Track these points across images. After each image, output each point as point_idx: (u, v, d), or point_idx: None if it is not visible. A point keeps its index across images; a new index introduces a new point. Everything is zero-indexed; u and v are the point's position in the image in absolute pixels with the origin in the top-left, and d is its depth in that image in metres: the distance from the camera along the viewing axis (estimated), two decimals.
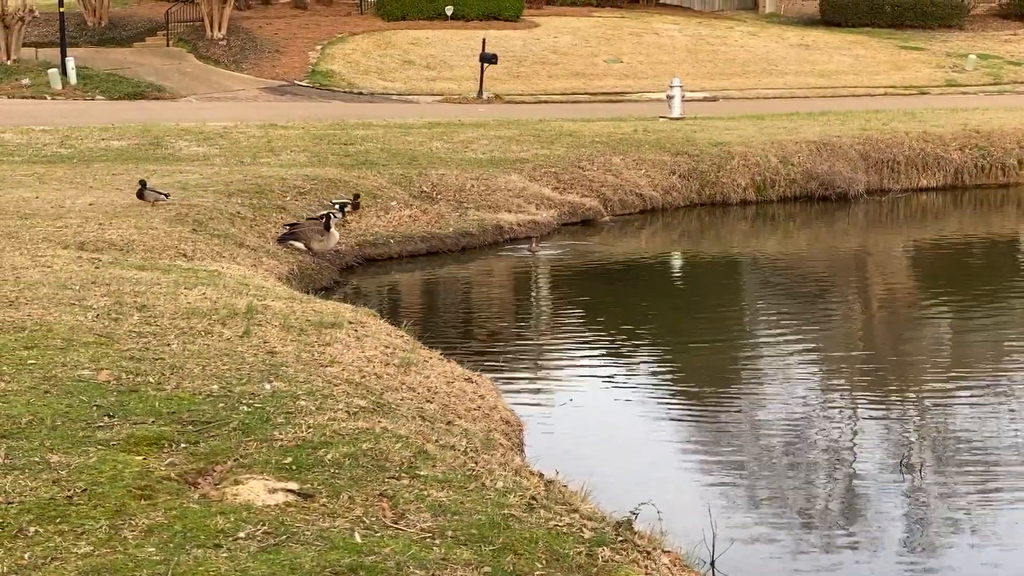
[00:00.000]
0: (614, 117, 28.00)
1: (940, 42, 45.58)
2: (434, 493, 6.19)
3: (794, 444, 10.21)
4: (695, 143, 23.50)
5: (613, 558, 5.75)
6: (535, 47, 40.88)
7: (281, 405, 7.38)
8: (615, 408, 11.25)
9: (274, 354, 8.84)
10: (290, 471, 6.30)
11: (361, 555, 5.31)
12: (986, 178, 25.02)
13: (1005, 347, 13.49)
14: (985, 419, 10.81)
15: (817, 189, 23.18)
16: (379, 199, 18.75)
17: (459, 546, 5.55)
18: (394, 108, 32.14)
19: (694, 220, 21.67)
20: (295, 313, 10.47)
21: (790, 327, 14.60)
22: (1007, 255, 20.20)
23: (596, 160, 22.21)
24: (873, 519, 8.61)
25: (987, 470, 9.50)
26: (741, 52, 42.60)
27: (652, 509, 6.81)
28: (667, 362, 12.99)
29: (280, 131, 24.03)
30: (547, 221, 19.57)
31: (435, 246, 17.91)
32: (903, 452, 9.87)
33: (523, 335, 14.12)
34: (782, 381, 12.26)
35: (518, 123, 26.12)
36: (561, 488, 6.95)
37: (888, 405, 11.34)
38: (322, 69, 37.98)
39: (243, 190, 17.59)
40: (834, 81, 40.13)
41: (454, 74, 37.77)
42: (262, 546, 5.34)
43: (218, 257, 14.08)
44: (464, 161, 21.56)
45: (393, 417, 7.60)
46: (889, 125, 26.13)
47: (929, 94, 38.37)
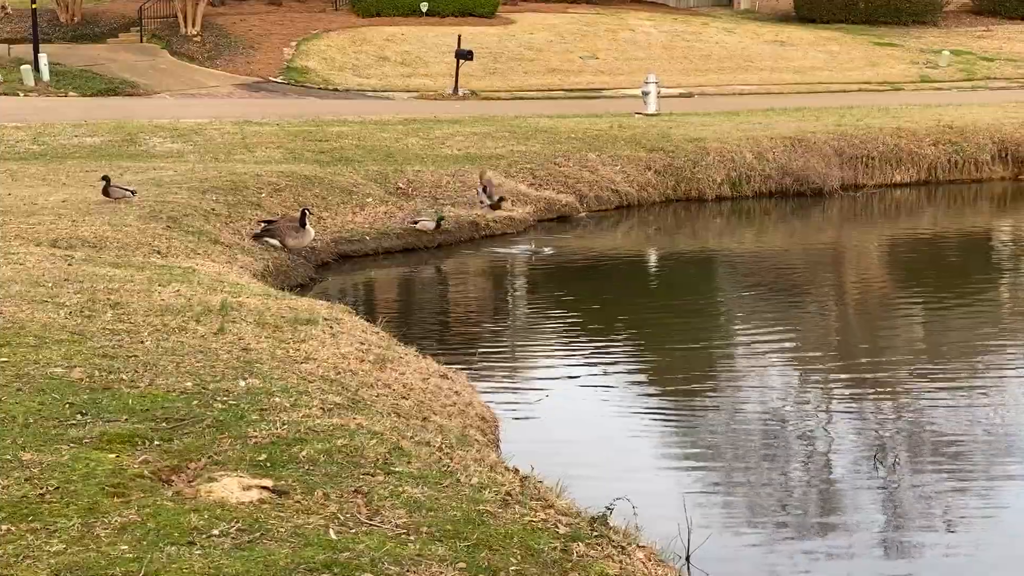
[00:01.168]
0: (590, 113, 28.02)
1: (914, 38, 45.76)
2: (409, 489, 6.19)
3: (769, 439, 10.23)
4: (671, 139, 23.53)
5: (588, 553, 5.75)
6: (510, 43, 40.86)
7: (255, 402, 7.36)
8: (591, 404, 11.26)
9: (248, 351, 8.81)
10: (264, 468, 6.28)
11: (336, 552, 5.30)
12: (959, 173, 25.13)
13: (978, 341, 13.56)
14: (958, 412, 10.86)
15: (792, 185, 23.24)
16: (354, 196, 18.71)
17: (434, 542, 5.54)
18: (369, 105, 32.08)
19: (670, 216, 21.70)
20: (270, 310, 10.44)
21: (765, 322, 14.64)
22: (980, 250, 20.30)
23: (572, 156, 22.22)
24: (848, 512, 8.64)
25: (960, 463, 9.54)
26: (716, 48, 42.68)
27: (627, 504, 6.82)
28: (643, 358, 13.01)
29: (255, 128, 23.96)
30: (523, 217, 19.56)
31: (411, 243, 17.88)
32: (877, 445, 9.91)
33: (499, 331, 14.12)
34: (757, 376, 12.29)
35: (494, 119, 26.11)
36: (536, 484, 6.95)
37: (862, 399, 11.38)
38: (297, 66, 37.88)
39: (218, 187, 17.53)
40: (809, 77, 40.25)
41: (429, 70, 37.72)
42: (236, 543, 5.32)
43: (192, 254, 14.03)
44: (440, 157, 21.54)
45: (368, 414, 7.59)
46: (863, 121, 26.22)
47: (903, 90, 38.52)
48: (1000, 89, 38.91)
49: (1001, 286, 17.04)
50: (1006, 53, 44.33)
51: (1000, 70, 42.26)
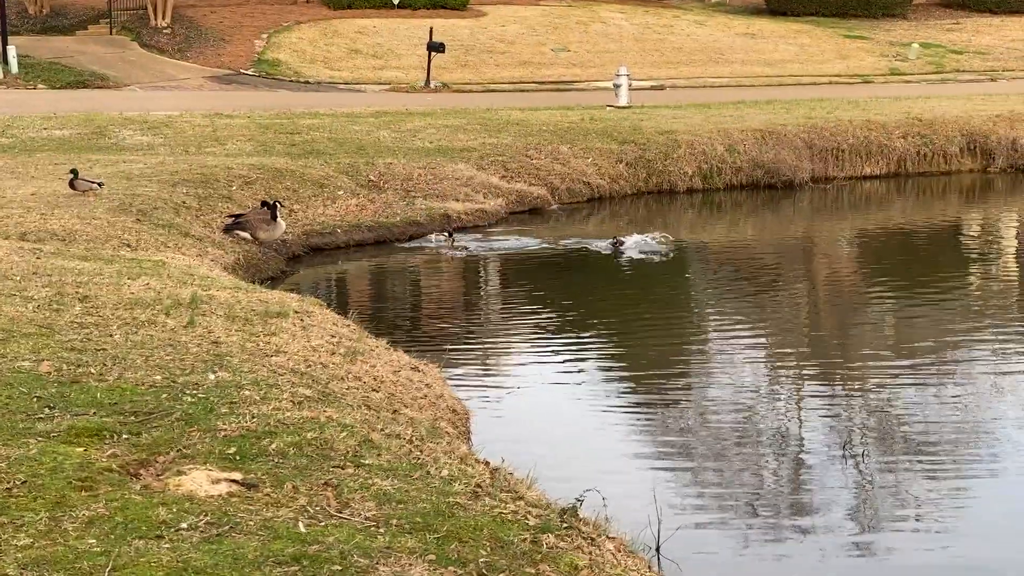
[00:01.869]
0: (561, 106, 28.03)
1: (884, 31, 45.94)
2: (379, 482, 6.18)
3: (740, 430, 10.27)
4: (642, 131, 23.56)
5: (558, 545, 5.76)
6: (482, 36, 40.82)
7: (225, 395, 7.34)
8: (562, 396, 11.27)
9: (218, 344, 8.78)
10: (234, 461, 6.26)
11: (305, 544, 5.29)
12: (928, 166, 25.27)
13: (947, 332, 13.64)
14: (929, 403, 10.93)
15: (763, 177, 23.31)
16: (326, 188, 18.67)
17: (404, 534, 5.54)
18: (341, 97, 32.00)
19: (641, 208, 21.73)
20: (240, 303, 10.41)
21: (736, 314, 14.69)
22: (949, 242, 20.42)
23: (544, 149, 22.23)
24: (818, 503, 8.69)
25: (931, 454, 9.60)
26: (688, 41, 42.75)
27: (597, 496, 6.83)
28: (614, 350, 13.03)
29: (226, 120, 23.86)
30: (494, 210, 19.56)
31: (382, 235, 17.86)
32: (848, 437, 9.96)
33: (470, 324, 14.12)
34: (728, 368, 12.33)
35: (466, 112, 26.09)
36: (507, 476, 6.95)
37: (833, 390, 11.44)
38: (268, 58, 37.74)
39: (188, 180, 17.45)
40: (780, 70, 40.36)
41: (401, 63, 37.65)
42: (205, 537, 5.31)
43: (162, 247, 13.97)
44: (411, 150, 21.51)
45: (338, 406, 7.58)
46: (833, 114, 26.32)
47: (873, 83, 38.68)
48: (969, 82, 39.11)
49: (970, 278, 17.15)
50: (975, 46, 44.58)
51: (969, 63, 42.49)
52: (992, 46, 44.62)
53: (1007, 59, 43.07)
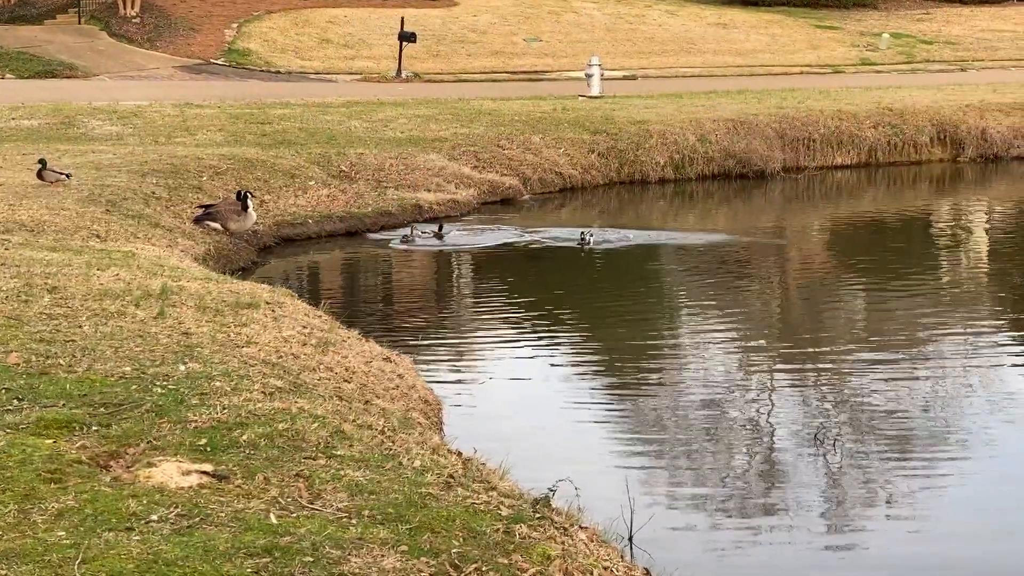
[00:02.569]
0: (533, 96, 28.01)
1: (855, 21, 46.09)
2: (351, 473, 6.16)
3: (712, 420, 10.29)
4: (614, 122, 23.57)
5: (530, 535, 5.75)
6: (454, 26, 40.73)
7: (196, 386, 7.29)
8: (534, 386, 11.27)
9: (189, 335, 8.73)
10: (204, 453, 6.23)
11: (276, 536, 5.26)
12: (899, 155, 25.38)
13: (918, 321, 13.70)
14: (900, 394, 10.97)
15: (735, 167, 23.36)
16: (297, 179, 18.60)
17: (376, 525, 5.52)
18: (312, 87, 31.88)
19: (613, 198, 21.75)
20: (211, 294, 10.36)
21: (708, 304, 14.72)
22: (920, 231, 20.51)
23: (515, 139, 22.20)
24: (791, 493, 8.71)
25: (902, 445, 9.64)
26: (659, 31, 42.78)
27: (570, 486, 6.82)
28: (586, 340, 13.04)
29: (196, 110, 23.74)
30: (466, 200, 19.53)
31: (354, 226, 17.81)
32: (819, 428, 9.99)
33: (442, 314, 14.10)
34: (701, 358, 12.36)
35: (437, 102, 26.03)
36: (479, 466, 6.94)
37: (805, 381, 11.47)
38: (238, 48, 37.56)
39: (158, 170, 17.36)
40: (751, 60, 40.45)
41: (373, 53, 37.53)
42: (175, 528, 5.28)
43: (132, 238, 13.89)
44: (383, 140, 21.45)
45: (310, 397, 7.54)
46: (805, 103, 26.39)
47: (844, 73, 38.82)
48: (939, 72, 39.29)
49: (940, 268, 17.24)
50: (944, 36, 44.78)
51: (939, 53, 42.69)
52: (962, 36, 44.84)
53: (977, 49, 43.29)
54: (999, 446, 9.62)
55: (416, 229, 17.22)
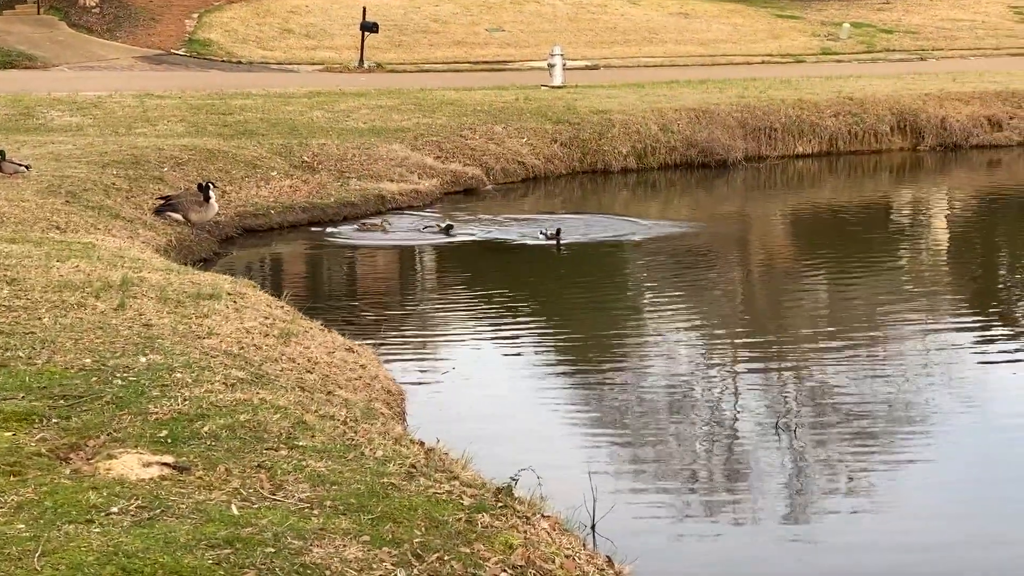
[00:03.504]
0: (496, 86, 27.98)
1: (815, 11, 46.29)
2: (313, 463, 6.15)
3: (675, 409, 10.34)
4: (576, 111, 23.59)
5: (492, 524, 5.77)
6: (416, 16, 40.63)
7: (156, 378, 7.27)
8: (498, 376, 11.28)
9: (150, 326, 8.70)
10: (165, 444, 6.21)
11: (238, 527, 5.26)
12: (859, 144, 25.51)
13: (880, 309, 13.80)
14: (861, 380, 11.05)
15: (697, 156, 23.43)
16: (259, 169, 18.52)
17: (338, 516, 5.52)
18: (274, 78, 31.75)
19: (576, 188, 21.77)
20: (172, 285, 10.31)
21: (670, 293, 14.77)
22: (880, 220, 20.65)
23: (478, 129, 22.18)
24: (753, 480, 8.76)
25: (863, 431, 9.71)
26: (622, 21, 42.82)
27: (532, 475, 6.85)
28: (549, 330, 13.06)
29: (156, 101, 23.60)
30: (429, 190, 19.50)
31: (316, 216, 17.75)
32: (782, 414, 10.05)
33: (405, 305, 14.09)
34: (663, 346, 12.40)
35: (399, 92, 25.98)
36: (442, 456, 6.95)
37: (767, 368, 11.54)
38: (199, 38, 37.34)
39: (118, 161, 17.25)
40: (713, 50, 40.55)
41: (335, 43, 37.39)
42: (136, 520, 5.26)
43: (92, 229, 13.81)
44: (345, 131, 21.39)
45: (272, 388, 7.53)
46: (766, 93, 26.49)
47: (805, 62, 38.97)
48: (899, 61, 39.53)
49: (901, 256, 17.36)
50: (905, 25, 45.04)
51: (899, 42, 42.93)
52: (922, 25, 45.11)
53: (936, 38, 43.56)
54: (960, 431, 9.71)
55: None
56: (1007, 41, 43.97)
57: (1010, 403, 10.44)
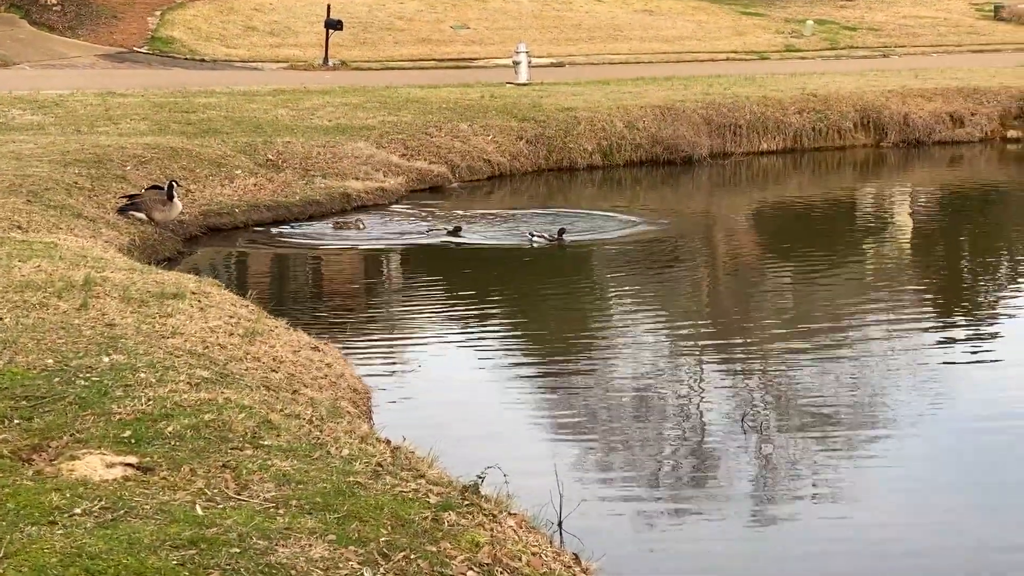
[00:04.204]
0: (461, 83, 27.94)
1: (779, 8, 46.46)
2: (278, 463, 6.13)
3: (641, 406, 10.36)
4: (542, 109, 23.58)
5: (459, 522, 5.76)
6: (380, 13, 40.53)
7: (120, 378, 7.22)
8: (464, 375, 11.27)
9: (113, 326, 8.64)
10: (129, 445, 6.17)
11: (202, 527, 5.23)
12: (823, 141, 25.61)
13: (844, 305, 13.86)
14: (826, 377, 11.11)
15: (662, 153, 23.46)
16: (223, 168, 18.43)
17: (303, 515, 5.50)
18: (238, 76, 31.59)
19: (542, 185, 21.77)
20: (135, 284, 10.25)
21: (636, 290, 14.79)
22: (844, 216, 20.75)
23: (443, 126, 22.15)
24: (719, 476, 8.80)
25: (828, 426, 9.75)
26: (587, 18, 42.85)
27: (499, 473, 6.84)
28: (516, 328, 13.06)
29: (119, 99, 23.44)
30: (395, 188, 19.46)
31: (281, 215, 17.66)
32: (747, 411, 10.08)
33: (371, 304, 14.06)
34: (628, 344, 12.42)
35: (364, 90, 25.90)
36: (408, 454, 6.93)
37: (733, 365, 11.57)
38: (162, 36, 37.11)
39: (81, 160, 17.12)
40: (678, 47, 40.62)
41: (299, 41, 37.24)
42: (99, 522, 5.22)
43: (54, 228, 13.69)
44: (310, 129, 21.31)
45: (237, 387, 7.49)
46: (731, 90, 26.56)
47: (769, 59, 39.10)
48: (862, 58, 39.70)
49: (865, 252, 17.45)
50: (867, 23, 45.26)
51: (862, 39, 43.13)
52: (884, 23, 45.34)
53: (899, 35, 43.80)
54: (924, 427, 9.78)
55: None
56: (968, 38, 44.27)
57: (974, 400, 10.51)
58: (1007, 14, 46.40)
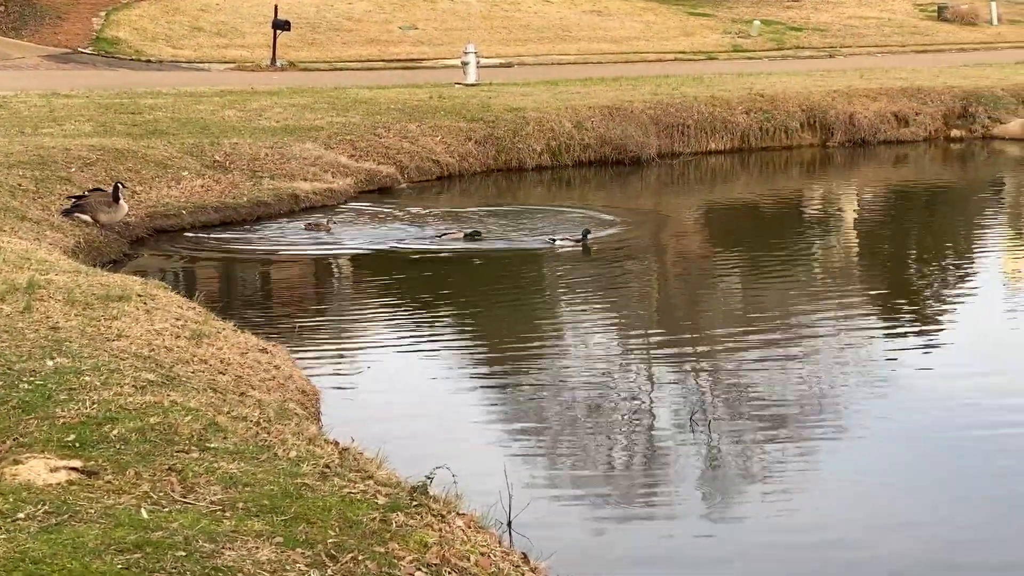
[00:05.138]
0: (410, 84, 27.90)
1: (726, 8, 46.72)
2: (225, 465, 6.09)
3: (591, 406, 10.38)
4: (491, 109, 23.59)
5: (407, 523, 5.74)
6: (329, 14, 40.38)
7: (64, 381, 7.15)
8: (414, 375, 11.25)
9: (57, 329, 8.55)
10: (73, 449, 6.11)
11: (148, 531, 5.18)
12: (771, 141, 25.77)
13: (792, 303, 13.96)
14: (774, 374, 11.17)
15: (611, 153, 23.52)
16: (169, 169, 18.30)
17: (250, 517, 5.47)
18: (184, 76, 31.38)
19: (491, 186, 21.77)
20: (80, 287, 10.15)
21: (585, 290, 14.82)
22: (792, 215, 20.90)
23: (392, 127, 22.10)
24: (669, 474, 8.83)
25: (778, 423, 9.81)
26: (535, 18, 42.90)
27: (448, 473, 6.83)
28: (465, 329, 13.05)
29: (63, 100, 23.22)
30: (343, 189, 19.39)
31: (229, 216, 17.55)
32: (697, 409, 10.12)
33: (320, 306, 14.00)
34: (578, 343, 12.44)
35: (312, 91, 25.80)
36: (356, 455, 6.91)
37: (683, 364, 11.62)
38: (107, 36, 36.78)
39: (24, 161, 16.95)
40: (626, 47, 40.76)
41: (246, 41, 37.04)
42: (43, 526, 5.17)
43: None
44: (258, 130, 21.20)
45: (183, 390, 7.44)
46: (679, 90, 26.67)
47: (717, 59, 39.32)
48: (808, 58, 39.99)
49: (813, 250, 17.57)
50: (813, 23, 45.61)
51: (808, 40, 43.46)
52: (830, 23, 45.71)
53: (844, 36, 44.17)
54: (872, 424, 9.85)
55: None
56: (912, 38, 44.73)
57: (922, 397, 10.60)
58: (950, 15, 46.94)
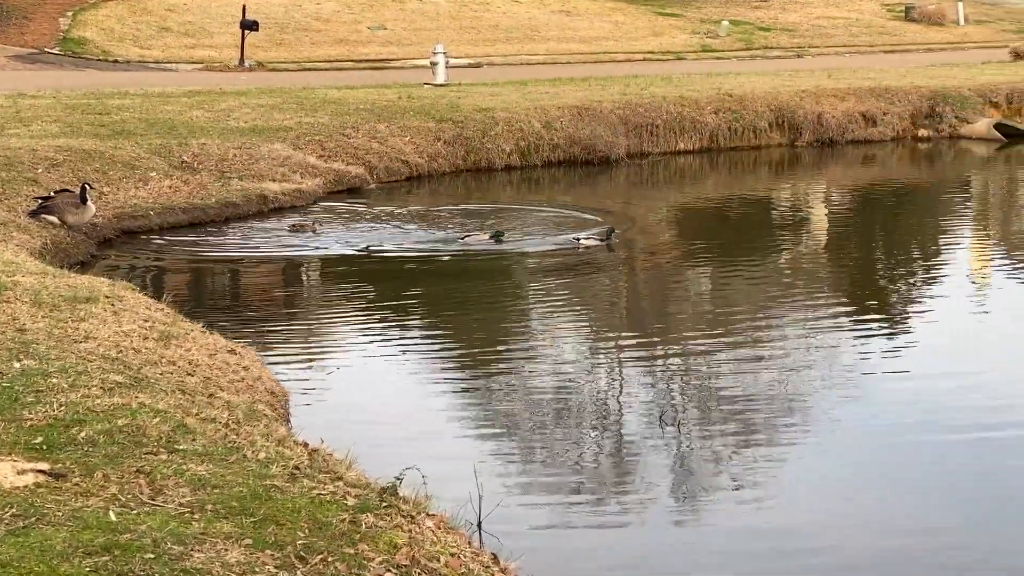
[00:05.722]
0: (378, 84, 27.86)
1: (695, 8, 46.85)
2: (193, 467, 6.07)
3: (561, 406, 10.39)
4: (460, 109, 23.58)
5: (377, 524, 5.74)
6: (297, 14, 40.28)
7: (31, 383, 7.11)
8: (383, 376, 11.24)
9: (24, 331, 8.50)
10: (40, 451, 6.08)
11: (116, 533, 5.16)
12: (739, 141, 25.86)
13: (760, 303, 14.01)
14: (744, 374, 11.21)
15: (580, 153, 23.55)
16: (137, 170, 18.21)
17: (219, 519, 5.45)
18: (152, 77, 31.24)
19: (460, 186, 21.76)
20: (47, 288, 10.10)
21: (555, 290, 14.83)
22: (761, 214, 20.98)
23: (361, 128, 22.07)
24: (640, 474, 8.85)
25: (747, 423, 9.85)
26: (504, 18, 42.92)
27: (418, 474, 6.82)
28: (435, 330, 13.04)
29: (30, 101, 23.07)
30: (312, 190, 19.34)
31: (197, 217, 17.48)
32: (667, 409, 10.15)
33: (289, 307, 13.97)
34: (548, 344, 12.45)
35: (281, 91, 25.72)
36: (326, 457, 6.90)
37: (652, 364, 11.65)
38: (74, 36, 36.57)
39: None
40: (595, 47, 40.82)
41: (214, 41, 36.90)
42: (10, 529, 5.14)
43: None
44: (226, 130, 21.12)
45: (151, 392, 7.41)
46: (648, 90, 26.73)
47: (685, 59, 39.42)
48: (776, 58, 40.16)
49: (781, 250, 17.65)
50: (782, 23, 45.80)
51: (776, 40, 43.64)
52: (798, 23, 45.92)
53: (812, 36, 44.38)
54: (840, 422, 9.90)
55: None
56: (880, 38, 44.98)
57: (890, 396, 10.67)
58: (917, 15, 47.21)
